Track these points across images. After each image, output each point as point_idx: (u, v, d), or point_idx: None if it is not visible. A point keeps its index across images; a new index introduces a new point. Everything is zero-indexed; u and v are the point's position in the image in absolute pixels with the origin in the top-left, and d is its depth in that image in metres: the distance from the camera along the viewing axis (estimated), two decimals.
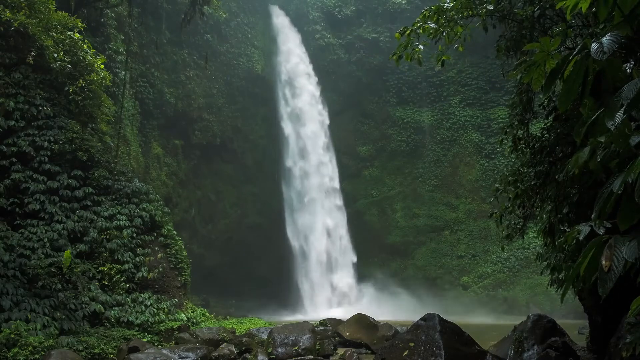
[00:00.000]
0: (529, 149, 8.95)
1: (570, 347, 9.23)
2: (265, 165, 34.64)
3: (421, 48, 8.91)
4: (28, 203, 15.20)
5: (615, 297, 5.33)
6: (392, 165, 35.80)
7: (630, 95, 2.82)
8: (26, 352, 11.36)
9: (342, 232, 33.20)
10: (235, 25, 33.19)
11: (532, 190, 8.64)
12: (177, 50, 29.48)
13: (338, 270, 32.20)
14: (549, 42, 3.57)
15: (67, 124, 16.71)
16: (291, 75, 34.85)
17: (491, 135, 33.10)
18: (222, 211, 33.33)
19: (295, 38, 36.09)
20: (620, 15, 3.13)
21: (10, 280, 12.95)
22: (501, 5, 8.93)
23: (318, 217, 32.62)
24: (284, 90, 34.62)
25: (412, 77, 36.18)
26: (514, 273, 30.58)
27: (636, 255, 2.67)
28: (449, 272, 32.43)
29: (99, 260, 15.83)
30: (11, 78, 16.02)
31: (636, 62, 3.48)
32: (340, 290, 31.48)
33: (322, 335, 14.66)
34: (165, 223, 18.01)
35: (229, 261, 32.39)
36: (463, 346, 9.66)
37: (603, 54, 2.99)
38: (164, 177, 27.84)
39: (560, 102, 3.35)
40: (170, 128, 29.14)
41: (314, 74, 35.34)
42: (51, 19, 16.69)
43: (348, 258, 32.78)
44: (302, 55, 35.58)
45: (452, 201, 34.09)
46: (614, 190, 2.84)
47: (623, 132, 2.86)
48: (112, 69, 21.23)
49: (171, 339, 14.56)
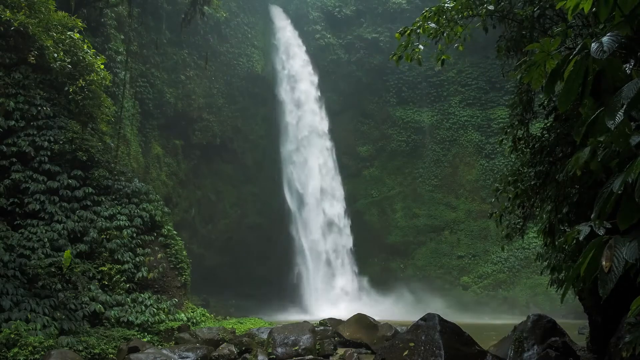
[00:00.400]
0: (529, 149, 8.95)
1: (570, 347, 9.23)
2: (265, 165, 34.64)
3: (421, 48, 8.90)
4: (28, 203, 15.20)
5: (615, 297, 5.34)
6: (392, 165, 35.81)
7: (630, 95, 2.82)
8: (26, 352, 11.36)
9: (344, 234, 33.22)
10: (235, 25, 33.20)
11: (532, 190, 8.64)
12: (177, 50, 29.48)
13: (338, 270, 32.20)
14: (549, 42, 3.57)
15: (67, 124, 16.71)
16: (291, 75, 34.85)
17: (491, 135, 33.10)
18: (222, 211, 33.33)
19: (295, 38, 36.09)
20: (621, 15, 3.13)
21: (10, 280, 12.95)
22: (501, 6, 8.93)
23: (319, 218, 32.62)
24: (284, 90, 34.62)
25: (412, 77, 36.18)
26: (514, 273, 30.58)
27: (636, 255, 2.67)
28: (449, 272, 32.44)
29: (99, 260, 15.82)
30: (11, 78, 16.01)
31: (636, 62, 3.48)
32: (340, 290, 31.48)
33: (322, 335, 14.66)
34: (165, 223, 18.01)
35: (229, 261, 32.39)
36: (463, 346, 9.66)
37: (603, 53, 2.98)
38: (164, 177, 27.84)
39: (560, 102, 3.35)
40: (170, 128, 29.14)
41: (314, 74, 35.35)
42: (51, 19, 16.69)
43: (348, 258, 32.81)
44: (302, 55, 35.58)
45: (452, 201, 34.09)
46: (614, 190, 2.84)
47: (623, 132, 2.86)
48: (112, 69, 21.23)
49: (171, 339, 14.56)
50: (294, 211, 32.97)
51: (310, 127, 34.12)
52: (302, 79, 34.88)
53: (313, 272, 31.51)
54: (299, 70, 35.03)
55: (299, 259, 32.26)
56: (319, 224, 32.52)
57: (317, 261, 31.76)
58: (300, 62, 35.33)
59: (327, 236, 32.59)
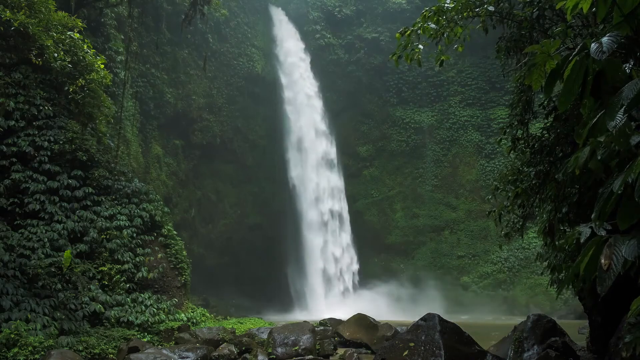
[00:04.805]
0: (528, 149, 8.95)
1: (570, 347, 9.23)
2: (265, 165, 34.64)
3: (421, 48, 8.90)
4: (28, 203, 15.19)
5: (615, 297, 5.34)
6: (392, 165, 35.82)
7: (630, 96, 2.82)
8: (26, 352, 11.36)
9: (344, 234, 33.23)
10: (235, 25, 33.21)
11: (532, 190, 8.65)
12: (177, 50, 29.48)
13: (338, 270, 32.21)
14: (550, 43, 3.58)
15: (67, 124, 16.70)
16: (291, 75, 34.85)
17: (491, 135, 33.12)
18: (222, 211, 33.33)
19: (295, 38, 36.09)
20: (620, 15, 3.13)
21: (10, 280, 12.95)
22: (501, 7, 8.93)
23: (319, 218, 32.62)
24: (284, 90, 34.63)
25: (412, 77, 36.19)
26: (514, 273, 30.59)
27: (636, 254, 2.67)
28: (449, 272, 32.45)
29: (99, 260, 15.82)
30: (11, 78, 16.00)
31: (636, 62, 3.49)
32: (340, 290, 31.49)
33: (322, 335, 14.67)
34: (165, 223, 18.01)
35: (229, 261, 32.39)
36: (463, 346, 9.66)
37: (602, 53, 2.99)
38: (164, 177, 27.84)
39: (560, 102, 3.35)
40: (170, 128, 29.14)
41: (313, 74, 35.35)
42: (51, 19, 16.69)
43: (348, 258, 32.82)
44: (302, 55, 35.58)
45: (452, 201, 34.10)
46: (614, 190, 2.84)
47: (623, 132, 2.86)
48: (112, 69, 21.23)
49: (171, 339, 14.57)
50: (294, 211, 32.98)
51: (310, 127, 34.12)
52: (302, 79, 34.88)
53: (313, 272, 31.52)
54: (299, 70, 35.02)
55: (299, 258, 32.26)
56: (319, 224, 32.52)
57: (317, 261, 31.76)
58: (300, 62, 35.33)
59: (327, 236, 32.59)
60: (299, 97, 34.42)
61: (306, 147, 33.73)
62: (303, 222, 32.49)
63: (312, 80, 35.25)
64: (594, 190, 6.31)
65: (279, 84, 34.74)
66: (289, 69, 34.96)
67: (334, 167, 34.63)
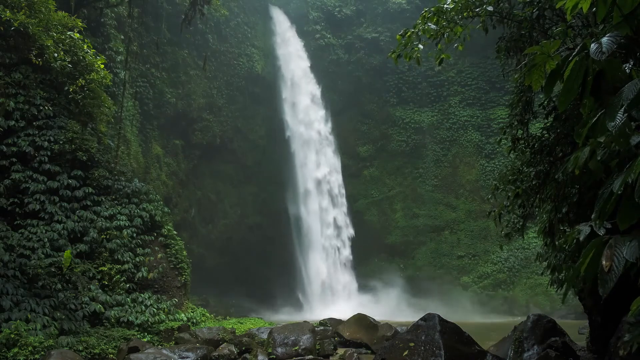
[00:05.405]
0: (528, 148, 8.94)
1: (570, 347, 9.22)
2: (265, 165, 34.64)
3: (420, 47, 8.90)
4: (28, 203, 15.20)
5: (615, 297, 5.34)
6: (392, 165, 35.81)
7: (630, 96, 2.82)
8: (26, 352, 11.37)
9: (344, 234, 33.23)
10: (235, 25, 33.19)
11: (532, 190, 8.64)
12: (177, 50, 29.47)
13: (338, 270, 32.22)
14: (550, 44, 3.58)
15: (67, 124, 16.71)
16: (291, 75, 34.84)
17: (491, 135, 33.11)
18: (222, 211, 33.33)
19: (295, 38, 36.08)
20: (620, 15, 3.13)
21: (10, 280, 12.95)
22: (501, 7, 8.93)
23: (319, 218, 32.62)
24: (284, 90, 34.62)
25: (412, 77, 36.19)
26: (514, 273, 30.58)
27: (637, 255, 2.67)
28: (449, 272, 32.44)
29: (99, 260, 15.83)
30: (11, 78, 16.01)
31: (636, 62, 3.49)
32: (340, 291, 31.48)
33: (322, 335, 14.67)
34: (165, 223, 18.01)
35: (229, 261, 32.39)
36: (463, 346, 9.65)
37: (602, 54, 2.99)
38: (164, 177, 27.83)
39: (560, 102, 3.36)
40: (170, 128, 29.13)
41: (313, 74, 35.34)
42: (51, 19, 16.69)
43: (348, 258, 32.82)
44: (302, 55, 35.57)
45: (452, 201, 34.09)
46: (614, 191, 2.84)
47: (623, 132, 2.86)
48: (112, 69, 21.22)
49: (171, 339, 14.57)
50: (294, 211, 32.98)
51: (310, 126, 34.11)
52: (301, 79, 34.86)
53: (313, 272, 31.51)
54: (298, 70, 35.01)
55: (299, 258, 32.26)
56: (320, 224, 32.52)
57: (317, 261, 31.77)
58: (300, 62, 35.31)
59: (328, 236, 32.59)
60: (299, 97, 34.41)
61: (306, 147, 33.72)
62: (303, 222, 32.49)
63: (312, 80, 35.23)
64: (594, 190, 6.31)
65: (279, 84, 34.73)
66: (289, 69, 34.94)
67: (335, 167, 34.59)
